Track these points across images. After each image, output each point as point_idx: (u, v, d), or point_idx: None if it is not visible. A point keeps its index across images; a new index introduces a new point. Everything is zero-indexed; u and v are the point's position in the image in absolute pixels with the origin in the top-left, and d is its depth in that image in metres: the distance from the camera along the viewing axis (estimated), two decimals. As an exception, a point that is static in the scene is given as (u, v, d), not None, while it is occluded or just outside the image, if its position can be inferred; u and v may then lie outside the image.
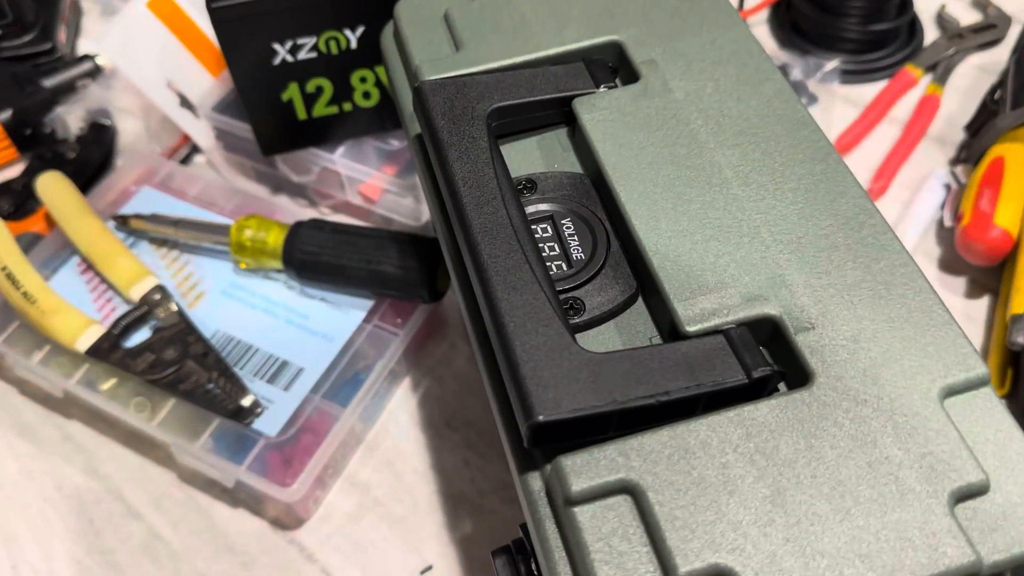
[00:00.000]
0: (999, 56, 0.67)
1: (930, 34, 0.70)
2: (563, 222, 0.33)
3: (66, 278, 0.57)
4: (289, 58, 0.53)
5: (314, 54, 0.53)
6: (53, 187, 0.58)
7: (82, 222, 0.56)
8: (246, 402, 0.50)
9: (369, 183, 0.58)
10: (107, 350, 0.52)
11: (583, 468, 0.26)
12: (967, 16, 0.71)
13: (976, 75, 0.68)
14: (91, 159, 0.65)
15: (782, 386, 0.29)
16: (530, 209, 0.33)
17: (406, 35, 0.39)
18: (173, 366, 0.51)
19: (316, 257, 0.52)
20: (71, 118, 0.68)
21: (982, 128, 0.59)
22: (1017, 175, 0.54)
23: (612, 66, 0.37)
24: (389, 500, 0.50)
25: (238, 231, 0.54)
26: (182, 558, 0.49)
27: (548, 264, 0.32)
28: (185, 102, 0.63)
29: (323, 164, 0.59)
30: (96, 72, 0.70)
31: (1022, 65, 0.59)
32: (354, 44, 0.53)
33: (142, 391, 0.50)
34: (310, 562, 0.48)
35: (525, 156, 0.35)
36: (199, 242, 0.57)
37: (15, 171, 0.66)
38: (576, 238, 0.32)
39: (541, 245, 0.32)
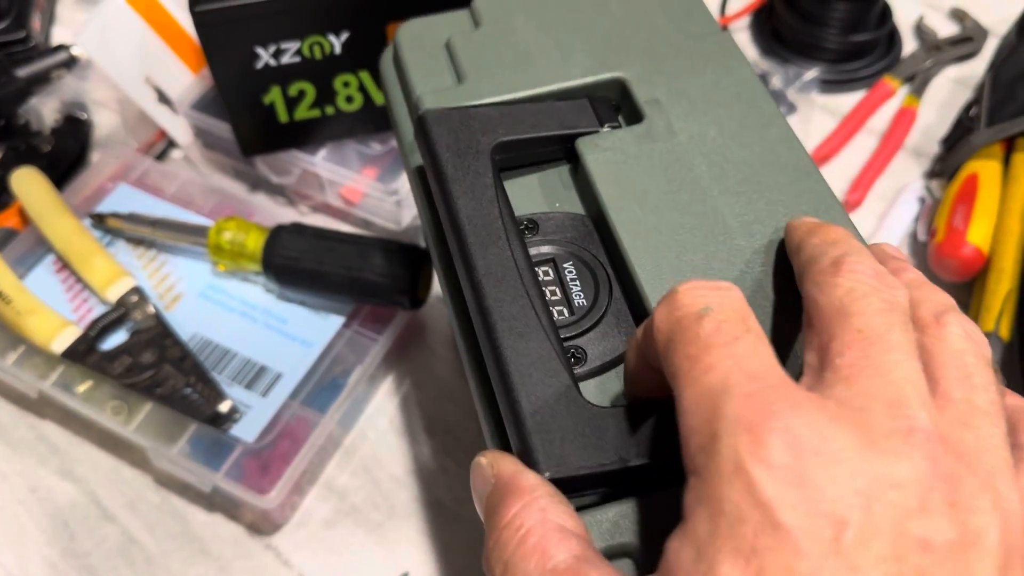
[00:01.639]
0: (975, 69, 0.68)
1: (909, 45, 0.71)
2: (565, 266, 0.32)
3: (41, 277, 0.56)
4: (272, 62, 0.53)
5: (297, 58, 0.53)
6: (28, 183, 0.57)
7: (58, 220, 0.56)
8: (223, 408, 0.50)
9: (350, 186, 0.58)
10: (83, 352, 0.51)
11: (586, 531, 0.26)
12: (945, 28, 0.72)
13: (953, 87, 0.68)
14: (66, 152, 0.65)
15: None
16: (532, 251, 0.32)
17: (407, 63, 0.38)
18: (150, 370, 0.51)
19: (296, 262, 0.52)
20: (46, 110, 0.67)
21: (957, 144, 0.60)
22: (990, 193, 0.55)
23: (615, 104, 0.37)
24: (366, 506, 0.50)
25: (217, 233, 0.54)
26: (157, 562, 0.49)
27: (551, 310, 0.31)
28: (163, 98, 0.62)
29: (304, 166, 0.58)
30: (71, 63, 0.69)
31: (998, 82, 0.60)
32: (338, 49, 0.53)
33: (118, 394, 0.50)
34: (286, 567, 0.48)
35: (527, 194, 0.35)
36: (177, 243, 0.56)
37: (-12, 163, 0.65)
38: (578, 283, 0.32)
39: (543, 290, 0.32)
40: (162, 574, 0.48)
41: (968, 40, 0.70)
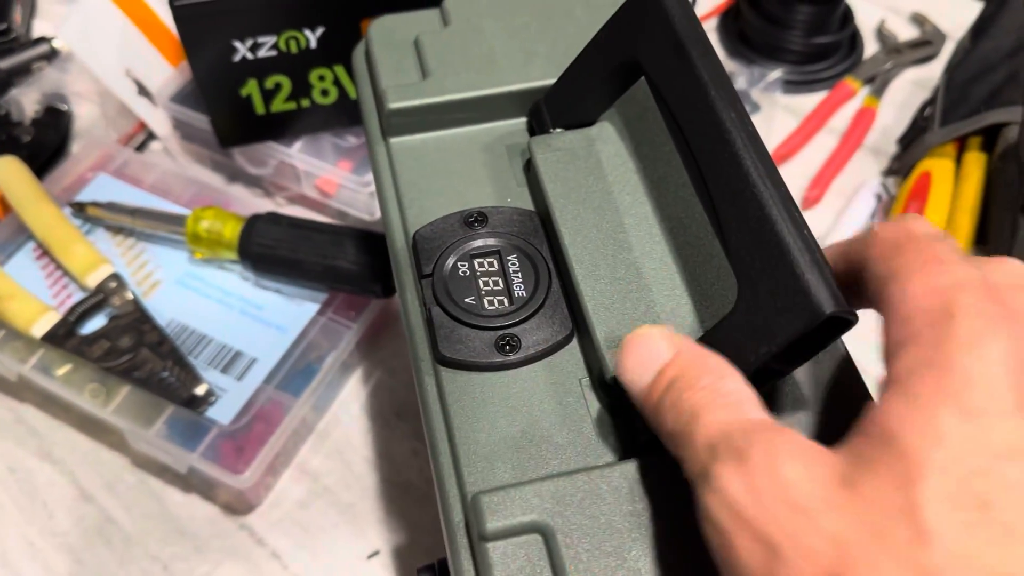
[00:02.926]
0: (933, 72, 0.71)
1: (870, 48, 0.74)
2: (509, 258, 0.34)
3: (22, 264, 0.57)
4: (249, 55, 0.54)
5: (274, 52, 0.54)
6: (9, 172, 0.58)
7: (38, 208, 0.57)
8: (199, 391, 0.51)
9: (325, 177, 0.60)
10: (63, 336, 0.53)
11: (499, 506, 0.27)
12: (905, 31, 0.75)
13: (911, 89, 0.71)
14: (46, 143, 0.66)
15: None
16: (478, 243, 0.34)
17: (376, 57, 0.40)
18: (128, 354, 0.52)
19: (272, 251, 0.53)
20: (26, 101, 0.68)
21: (912, 143, 0.62)
22: (942, 190, 0.57)
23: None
24: (339, 487, 0.52)
25: (194, 222, 0.55)
26: (135, 541, 0.50)
27: (490, 299, 0.33)
28: (143, 90, 0.63)
29: (280, 157, 0.60)
30: (52, 55, 0.70)
31: (951, 84, 0.62)
32: (314, 44, 0.54)
33: (97, 378, 0.51)
34: (260, 546, 0.50)
35: (479, 188, 0.36)
36: (155, 231, 0.58)
37: (-32, 153, 0.65)
38: (520, 275, 0.33)
39: (485, 280, 0.33)
40: (139, 553, 0.50)
41: (927, 44, 0.73)
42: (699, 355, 0.26)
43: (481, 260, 0.34)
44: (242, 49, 0.54)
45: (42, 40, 0.70)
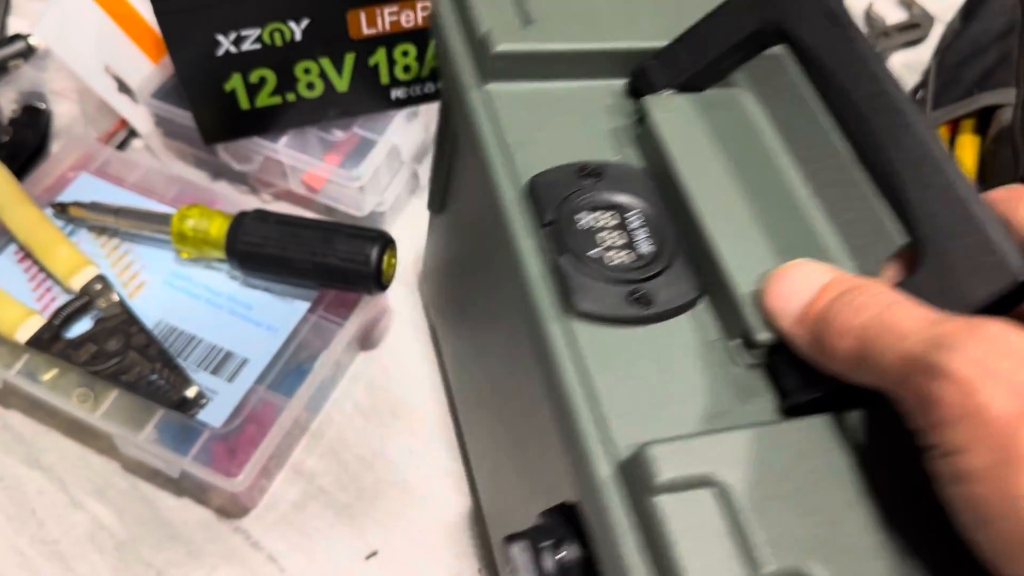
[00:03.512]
0: (922, 55, 0.70)
1: (858, 31, 0.73)
2: (629, 215, 0.33)
3: (3, 267, 0.56)
4: (232, 49, 0.53)
5: (258, 45, 0.53)
6: (-12, 174, 0.57)
7: (20, 210, 0.56)
8: (190, 393, 0.50)
9: (312, 172, 0.59)
10: (48, 341, 0.51)
11: (671, 458, 0.26)
12: (893, 14, 0.74)
13: (900, 72, 0.70)
14: (25, 143, 0.64)
15: None
16: (598, 196, 0.33)
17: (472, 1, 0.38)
18: (115, 357, 0.51)
19: (260, 249, 0.52)
20: (4, 100, 0.66)
21: (905, 126, 0.61)
22: (936, 173, 0.57)
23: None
24: (334, 488, 0.51)
25: (180, 220, 0.54)
26: (127, 547, 0.49)
27: (614, 253, 0.32)
28: (123, 87, 0.62)
29: (265, 153, 0.59)
30: (29, 52, 0.69)
31: (942, 67, 0.62)
32: (298, 36, 0.53)
33: (84, 382, 0.50)
34: (256, 549, 0.49)
35: (584, 143, 0.35)
36: (140, 231, 0.57)
37: (-55, 154, 0.64)
38: (645, 232, 0.32)
39: (608, 232, 0.32)
40: (132, 559, 0.49)
41: (915, 26, 0.72)
42: (859, 277, 0.26)
43: (603, 212, 0.33)
44: (225, 43, 0.53)
45: (18, 37, 0.69)
